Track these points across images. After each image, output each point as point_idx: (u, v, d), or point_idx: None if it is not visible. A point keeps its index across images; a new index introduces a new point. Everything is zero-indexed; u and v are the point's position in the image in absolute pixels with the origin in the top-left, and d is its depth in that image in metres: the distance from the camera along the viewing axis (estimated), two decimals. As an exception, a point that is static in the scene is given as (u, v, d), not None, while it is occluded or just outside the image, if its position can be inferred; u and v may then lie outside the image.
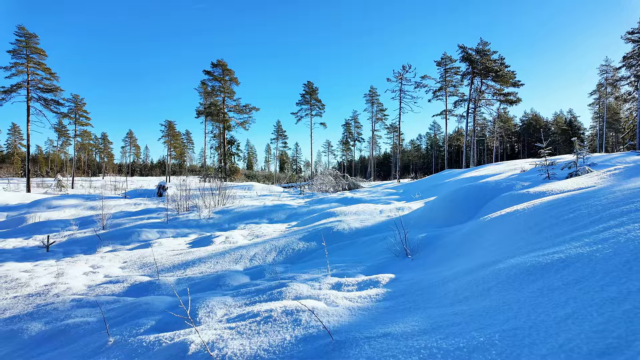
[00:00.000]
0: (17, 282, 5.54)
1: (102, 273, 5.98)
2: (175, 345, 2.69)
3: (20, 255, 8.65)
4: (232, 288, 4.34)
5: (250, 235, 9.18)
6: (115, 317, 3.63)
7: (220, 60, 39.73)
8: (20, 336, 3.55)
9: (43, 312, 4.07)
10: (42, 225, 12.46)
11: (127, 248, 8.60)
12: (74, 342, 3.29)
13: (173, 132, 66.59)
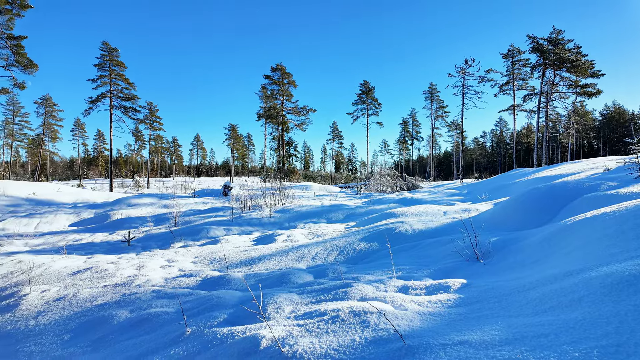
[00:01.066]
0: (105, 272, 6.15)
1: (176, 267, 6.43)
2: (247, 339, 2.79)
3: (106, 248, 9.62)
4: (297, 286, 4.41)
5: (310, 234, 9.30)
6: (191, 309, 3.86)
7: (279, 65, 40.91)
8: (110, 322, 3.92)
9: (128, 301, 4.47)
10: (123, 221, 13.74)
11: (197, 244, 9.17)
12: (156, 330, 3.56)
13: (236, 135, 69.92)
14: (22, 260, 7.43)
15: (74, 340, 3.68)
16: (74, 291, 5.10)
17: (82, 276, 5.99)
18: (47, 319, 4.29)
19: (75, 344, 3.57)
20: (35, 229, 13.43)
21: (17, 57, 16.89)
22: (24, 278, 6.10)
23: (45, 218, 14.75)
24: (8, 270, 6.72)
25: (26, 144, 56.25)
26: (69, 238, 11.34)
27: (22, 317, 4.47)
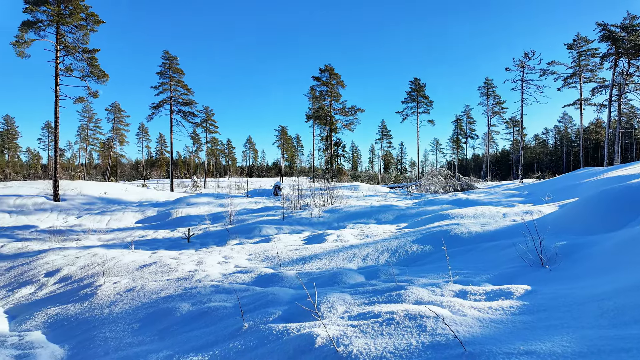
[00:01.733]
0: (168, 267, 6.57)
1: (232, 263, 6.70)
2: (302, 336, 2.83)
3: (168, 244, 10.27)
4: (349, 286, 4.41)
5: (360, 235, 9.24)
6: (247, 304, 4.01)
7: (328, 66, 41.15)
8: (174, 314, 4.18)
9: (189, 294, 4.73)
10: (183, 219, 14.59)
11: (251, 242, 9.50)
12: (215, 323, 3.73)
13: (285, 137, 71.46)
14: (96, 253, 8.17)
15: (142, 329, 3.97)
16: (142, 284, 5.50)
17: (148, 270, 6.45)
18: (118, 308, 4.67)
19: (143, 333, 3.86)
20: (107, 225, 14.70)
21: (91, 69, 18.65)
22: (99, 270, 6.70)
23: (115, 215, 16.09)
24: (85, 262, 7.42)
25: (98, 148, 61.76)
26: (136, 234, 12.26)
27: (98, 305, 4.91)
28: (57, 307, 5.21)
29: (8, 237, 11.99)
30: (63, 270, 7.02)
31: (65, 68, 18.47)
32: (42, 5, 17.08)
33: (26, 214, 16.08)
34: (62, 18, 17.54)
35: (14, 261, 8.51)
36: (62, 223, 15.02)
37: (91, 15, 18.04)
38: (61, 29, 17.89)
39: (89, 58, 18.76)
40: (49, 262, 7.69)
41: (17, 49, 17.17)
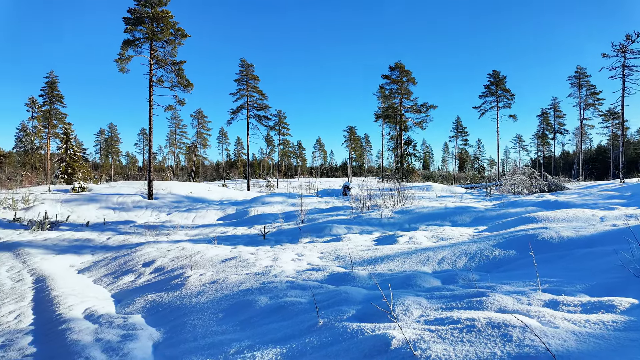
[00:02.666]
0: (247, 262, 6.98)
1: (305, 261, 6.90)
2: (377, 337, 2.82)
3: (246, 240, 10.90)
4: (424, 290, 4.28)
5: (434, 237, 8.90)
6: (321, 302, 4.10)
7: (398, 63, 40.27)
8: (253, 306, 4.43)
9: (267, 288, 4.98)
10: (259, 217, 15.37)
11: (321, 240, 9.68)
12: (292, 317, 3.88)
13: (354, 137, 71.51)
14: (184, 247, 8.98)
15: (225, 319, 4.28)
16: (224, 276, 5.92)
17: (229, 264, 6.92)
18: (204, 298, 5.09)
19: (226, 323, 4.15)
20: (192, 221, 16.07)
21: (179, 79, 20.60)
22: (187, 262, 7.36)
23: (200, 213, 17.52)
24: (176, 255, 8.21)
25: (184, 151, 67.85)
26: (218, 230, 13.22)
27: (187, 295, 5.39)
28: (153, 294, 5.84)
29: (113, 230, 13.72)
30: (157, 261, 7.85)
31: (157, 80, 20.64)
32: (140, 25, 19.31)
33: (126, 210, 18.26)
34: (155, 35, 19.64)
35: (118, 252, 9.72)
36: (155, 219, 16.77)
37: (179, 30, 19.92)
38: (154, 45, 20.05)
39: (177, 69, 20.72)
40: (146, 254, 8.64)
41: (119, 65, 19.63)
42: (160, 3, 19.67)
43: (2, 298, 6.65)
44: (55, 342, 4.43)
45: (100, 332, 4.39)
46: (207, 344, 3.58)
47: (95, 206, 18.42)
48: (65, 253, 10.27)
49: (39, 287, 7.01)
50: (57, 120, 41.53)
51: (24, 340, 4.69)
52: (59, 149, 35.64)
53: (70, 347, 4.06)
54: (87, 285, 7.15)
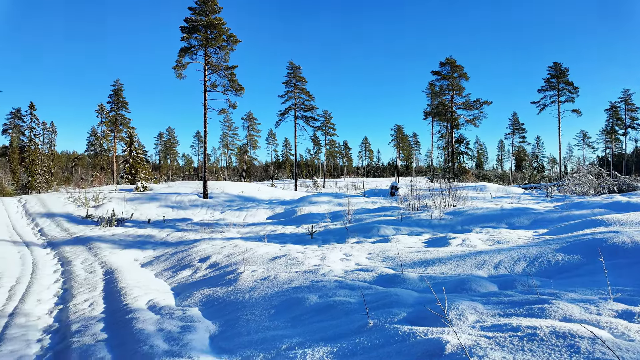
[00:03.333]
0: (296, 260, 7.11)
1: (353, 261, 6.89)
2: (430, 341, 2.75)
3: (295, 239, 11.10)
4: (480, 294, 4.09)
5: (489, 240, 8.47)
6: (371, 302, 4.07)
7: (449, 58, 38.85)
8: (303, 304, 4.50)
9: (316, 287, 5.04)
10: (306, 216, 15.58)
11: (369, 241, 9.61)
12: (341, 317, 3.90)
13: (401, 136, 70.09)
14: (237, 244, 9.34)
15: (277, 315, 4.39)
16: (274, 273, 6.08)
17: (279, 262, 7.09)
18: (257, 294, 5.26)
19: (278, 319, 4.26)
20: (244, 220, 16.66)
21: (231, 84, 21.49)
22: (240, 259, 7.66)
23: (250, 212, 18.13)
24: (229, 251, 8.56)
25: (236, 152, 70.59)
26: (267, 229, 13.60)
27: (240, 290, 5.61)
28: (209, 289, 6.14)
29: (171, 227, 14.61)
30: (212, 257, 8.24)
31: (211, 84, 21.68)
32: (195, 32, 20.42)
33: (183, 208, 19.36)
34: (209, 42, 20.65)
35: (176, 248, 10.34)
36: (210, 217, 17.61)
37: (231, 36, 20.79)
38: (208, 51, 21.10)
39: (229, 74, 21.63)
40: (202, 250, 9.11)
41: (176, 72, 20.89)
42: (214, 11, 20.64)
43: (78, 287, 7.34)
44: (123, 329, 4.81)
45: (162, 323, 4.70)
46: (260, 339, 3.70)
47: (156, 204, 19.73)
48: (130, 248, 11.11)
49: (108, 279, 7.65)
50: (122, 124, 45.04)
51: (97, 326, 5.15)
52: (124, 152, 38.68)
53: (136, 335, 4.39)
54: (149, 279, 7.69)
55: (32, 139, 45.77)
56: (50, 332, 5.34)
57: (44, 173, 39.19)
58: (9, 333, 5.27)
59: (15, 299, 6.84)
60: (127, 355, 3.94)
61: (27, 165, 39.03)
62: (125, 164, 36.77)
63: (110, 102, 45.34)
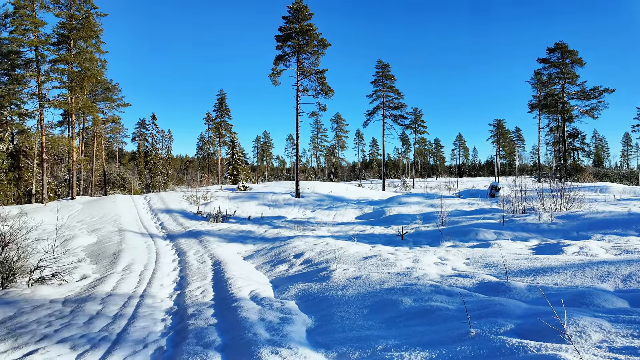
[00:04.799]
0: (387, 261, 7.02)
1: (449, 265, 6.55)
2: (544, 357, 2.49)
3: (384, 240, 10.97)
4: (605, 310, 3.56)
5: (615, 249, 7.29)
6: (472, 310, 3.83)
7: (559, 43, 34.42)
8: (397, 306, 4.43)
9: (410, 290, 4.92)
10: (395, 217, 15.28)
11: (466, 245, 9.02)
12: (439, 323, 3.74)
13: (502, 131, 64.28)
14: (328, 242, 9.59)
15: (370, 315, 4.40)
16: (366, 273, 6.10)
17: (370, 262, 7.09)
18: (349, 292, 5.33)
19: (371, 319, 4.27)
20: (333, 219, 17.03)
21: (321, 87, 22.18)
22: (331, 257, 7.85)
23: (339, 211, 18.45)
24: (321, 249, 8.84)
25: (324, 153, 72.54)
26: (356, 228, 13.69)
27: (333, 287, 5.75)
28: (304, 283, 6.42)
29: (268, 224, 15.62)
30: (305, 254, 8.59)
31: (303, 89, 22.64)
32: (288, 40, 21.56)
33: (278, 207, 20.54)
34: (301, 48, 21.61)
35: (273, 243, 11.02)
36: (302, 215, 18.39)
37: (321, 41, 21.47)
38: (300, 57, 22.09)
39: (319, 78, 22.34)
40: (296, 247, 9.56)
41: (272, 79, 22.32)
42: (305, 17, 21.53)
43: (192, 276, 8.30)
44: (230, 316, 5.30)
45: (263, 313, 5.06)
46: (355, 337, 3.75)
47: (254, 203, 21.30)
48: (233, 242, 12.18)
49: (216, 269, 8.50)
50: (226, 130, 49.59)
51: (208, 312, 5.76)
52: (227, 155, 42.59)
53: (241, 322, 4.81)
54: (250, 271, 8.34)
55: (154, 145, 53.13)
56: (171, 313, 6.15)
57: (162, 174, 45.23)
58: (140, 312, 6.20)
59: (144, 283, 8.02)
60: (234, 341, 4.33)
61: (150, 167, 45.46)
62: (228, 166, 40.46)
63: (216, 110, 50.30)
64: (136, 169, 50.66)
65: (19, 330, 5.65)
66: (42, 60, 21.76)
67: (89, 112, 24.24)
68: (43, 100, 21.29)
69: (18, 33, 20.94)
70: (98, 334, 5.24)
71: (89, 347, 4.75)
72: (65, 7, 22.54)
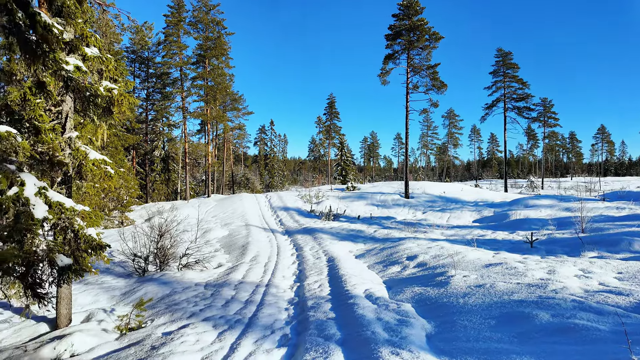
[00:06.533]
0: (515, 270, 6.36)
1: (595, 279, 5.61)
2: None
3: (509, 246, 9.95)
4: None
5: None
6: (632, 334, 3.22)
7: None
8: (531, 320, 3.99)
9: (546, 304, 4.37)
10: (522, 222, 13.71)
11: (617, 257, 7.60)
12: (585, 343, 3.25)
13: (663, 120, 52.21)
14: (443, 246, 9.14)
15: (499, 327, 4.05)
16: (490, 282, 5.63)
17: (494, 270, 6.52)
18: (472, 301, 5.00)
19: (500, 331, 3.93)
20: (447, 221, 16.14)
21: (433, 82, 21.22)
22: (448, 262, 7.46)
23: (454, 213, 17.39)
24: (436, 253, 8.48)
25: (434, 152, 69.19)
26: (474, 233, 12.72)
27: (452, 294, 5.46)
28: (419, 287, 6.25)
29: (377, 224, 15.62)
30: (419, 257, 8.35)
31: (413, 86, 22.00)
32: (398, 38, 21.22)
33: (387, 207, 20.36)
34: (411, 44, 21.04)
35: (384, 244, 10.97)
36: (412, 217, 17.89)
37: (433, 34, 20.53)
38: (410, 54, 21.51)
39: (430, 73, 21.41)
40: (408, 249, 9.36)
41: (381, 79, 22.24)
42: (417, 12, 20.87)
43: (309, 270, 8.81)
44: (346, 312, 5.47)
45: (380, 313, 5.09)
46: (482, 349, 3.51)
47: (363, 202, 21.52)
48: (344, 240, 12.52)
49: (330, 265, 8.86)
50: (335, 132, 51.26)
51: (326, 305, 6.05)
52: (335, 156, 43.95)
53: (358, 319, 4.92)
54: (362, 269, 8.46)
55: (272, 149, 57.90)
56: (293, 303, 6.63)
57: (279, 175, 49.01)
58: (266, 299, 6.84)
59: (268, 273, 8.82)
60: (352, 336, 4.46)
61: (268, 169, 49.69)
62: (337, 167, 41.73)
63: (326, 113, 52.41)
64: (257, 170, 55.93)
65: (173, 307, 6.78)
66: (185, 78, 25.68)
67: (220, 121, 27.72)
68: (186, 113, 25.10)
69: (167, 57, 25.12)
70: (233, 316, 5.96)
71: (227, 328, 5.44)
72: (202, 30, 26.17)
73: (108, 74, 6.40)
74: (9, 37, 3.96)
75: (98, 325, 6.07)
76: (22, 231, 3.96)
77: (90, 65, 6.10)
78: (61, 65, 4.35)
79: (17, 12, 3.80)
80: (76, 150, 5.79)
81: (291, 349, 4.60)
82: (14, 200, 3.98)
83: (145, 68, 27.04)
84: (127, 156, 24.17)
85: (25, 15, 3.84)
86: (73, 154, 5.76)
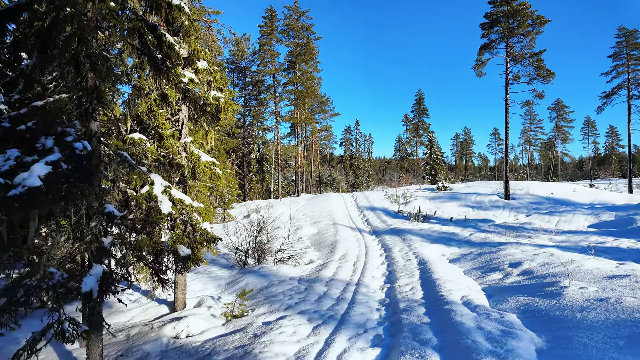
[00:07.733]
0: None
1: None
2: None
3: (637, 256, 8.51)
4: None
5: None
6: None
7: None
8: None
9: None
10: (656, 229, 11.57)
11: None
12: None
13: None
14: (553, 254, 8.18)
15: (629, 348, 3.50)
16: (615, 296, 4.88)
17: (620, 282, 5.63)
18: (592, 316, 4.40)
19: (632, 353, 3.39)
20: (556, 226, 14.38)
21: (537, 71, 19.06)
22: (560, 271, 6.66)
23: (564, 217, 15.43)
24: (544, 260, 7.63)
25: (539, 148, 62.04)
26: (591, 239, 11.14)
27: (567, 307, 4.87)
28: (526, 297, 5.70)
29: (473, 227, 14.61)
30: (524, 264, 7.60)
31: (514, 76, 20.06)
32: (495, 26, 19.56)
33: (483, 209, 18.92)
34: (510, 31, 19.22)
35: (481, 248, 10.24)
36: (513, 220, 16.34)
37: (537, 19, 18.44)
38: (510, 42, 19.64)
39: (534, 62, 19.29)
40: (510, 255, 8.59)
41: (476, 71, 20.74)
42: (522, -4, 18.97)
43: (399, 272, 8.65)
44: (442, 318, 5.24)
45: (480, 322, 4.77)
46: (608, 372, 3.07)
47: (456, 204, 20.34)
48: (436, 243, 11.99)
49: (422, 268, 8.57)
50: (423, 130, 49.38)
51: (419, 309, 5.87)
52: (424, 154, 42.34)
53: (456, 327, 4.68)
54: (458, 275, 8.01)
55: (357, 149, 58.10)
56: (384, 304, 6.58)
57: (364, 175, 48.98)
58: (357, 298, 6.90)
59: (357, 273, 8.89)
60: (450, 343, 4.26)
61: (354, 169, 49.96)
62: (425, 166, 40.15)
63: (413, 110, 50.77)
64: (343, 170, 56.65)
65: (271, 298, 7.26)
66: (277, 84, 27.25)
67: (309, 123, 28.78)
68: (279, 117, 26.62)
69: (262, 65, 26.92)
70: (326, 312, 6.14)
71: (321, 322, 5.63)
72: (292, 37, 27.47)
73: (215, 84, 7.13)
74: (140, 57, 4.66)
75: (207, 310, 6.80)
76: (152, 224, 4.63)
77: (200, 77, 6.86)
78: (180, 79, 4.96)
79: (148, 34, 4.45)
80: (190, 153, 6.57)
81: (385, 349, 4.57)
82: (146, 198, 4.67)
83: (242, 77, 29.41)
84: (228, 158, 26.54)
85: (154, 37, 4.47)
86: (188, 157, 6.54)
